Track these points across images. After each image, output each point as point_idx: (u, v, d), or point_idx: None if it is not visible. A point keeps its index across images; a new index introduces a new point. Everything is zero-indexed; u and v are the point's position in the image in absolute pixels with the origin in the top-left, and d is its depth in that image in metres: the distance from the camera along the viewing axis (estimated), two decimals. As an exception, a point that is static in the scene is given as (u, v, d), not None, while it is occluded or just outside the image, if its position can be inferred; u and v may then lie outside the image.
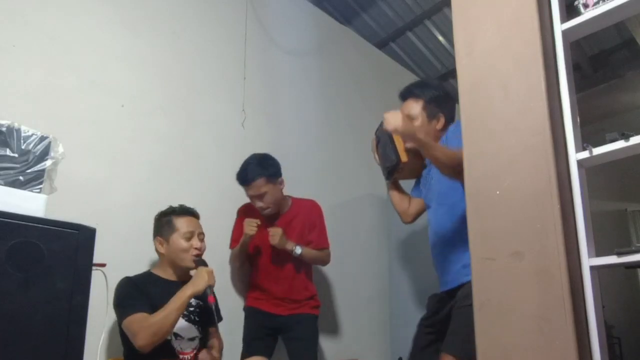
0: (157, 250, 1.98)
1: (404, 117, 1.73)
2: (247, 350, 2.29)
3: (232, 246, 2.45)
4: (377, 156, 2.09)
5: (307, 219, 2.47)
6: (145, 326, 1.71)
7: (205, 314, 1.96)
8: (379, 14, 3.82)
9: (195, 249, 1.94)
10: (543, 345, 1.20)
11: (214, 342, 2.02)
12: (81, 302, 1.19)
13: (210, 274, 1.84)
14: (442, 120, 1.95)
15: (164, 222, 1.97)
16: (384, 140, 2.01)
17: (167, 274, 1.95)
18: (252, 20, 2.90)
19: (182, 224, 1.95)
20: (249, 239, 2.29)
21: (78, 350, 1.18)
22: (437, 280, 1.99)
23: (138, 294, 1.80)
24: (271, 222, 2.39)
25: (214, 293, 1.85)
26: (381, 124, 2.00)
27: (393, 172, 2.03)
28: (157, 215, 2.00)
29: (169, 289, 1.84)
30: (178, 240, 1.93)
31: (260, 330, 2.37)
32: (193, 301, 1.94)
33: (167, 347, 1.83)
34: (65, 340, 1.15)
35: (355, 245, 3.14)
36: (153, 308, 1.75)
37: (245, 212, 2.45)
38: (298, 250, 2.31)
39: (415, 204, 2.12)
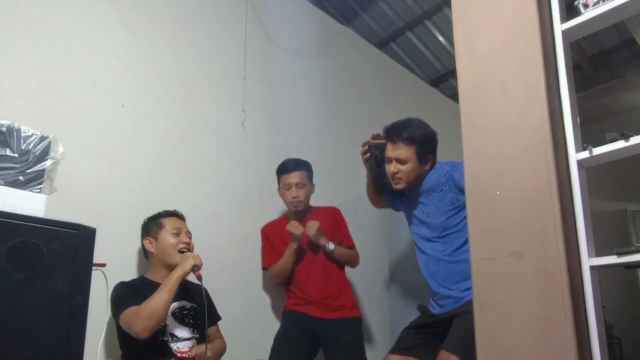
0: (146, 252, 2.00)
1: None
2: (286, 348, 2.28)
3: (266, 265, 2.50)
4: (367, 165, 2.23)
5: (330, 224, 2.52)
6: (139, 313, 1.73)
7: (200, 317, 1.96)
8: (379, 14, 3.82)
9: (183, 243, 1.96)
10: (543, 345, 1.20)
11: (216, 342, 2.02)
12: (81, 302, 1.19)
13: (195, 256, 1.89)
14: (431, 162, 2.06)
15: (152, 224, 2.01)
16: (381, 164, 2.14)
17: (160, 277, 1.92)
18: (252, 20, 2.90)
19: (169, 222, 2.00)
20: (300, 240, 2.35)
21: (78, 350, 1.18)
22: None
23: (132, 293, 1.82)
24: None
25: (199, 268, 1.88)
26: (377, 135, 2.15)
27: (386, 189, 2.25)
28: (144, 220, 2.05)
29: None
30: (166, 236, 1.96)
31: (298, 331, 2.35)
32: (187, 304, 1.96)
33: (164, 348, 1.83)
34: (65, 340, 1.15)
35: (355, 245, 3.13)
36: None
37: (271, 230, 2.52)
38: (331, 246, 2.40)
39: (383, 202, 2.36)
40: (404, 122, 2.07)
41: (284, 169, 2.46)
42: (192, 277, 2.00)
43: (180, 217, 2.07)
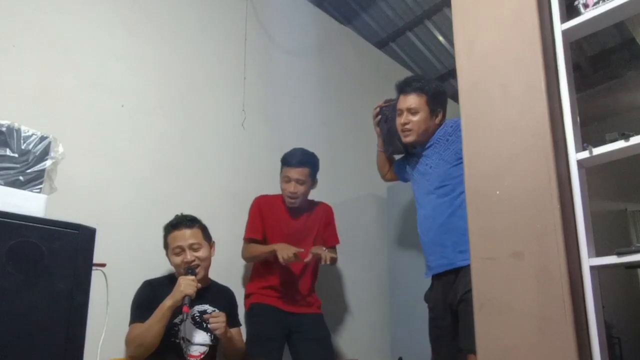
0: None
1: None
2: (262, 352, 2.18)
3: (250, 235, 2.36)
4: (378, 129, 2.27)
5: (323, 219, 2.54)
6: (131, 338, 1.80)
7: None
8: (379, 14, 3.82)
9: (185, 263, 1.93)
10: (543, 345, 1.20)
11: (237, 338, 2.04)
12: (81, 302, 1.19)
13: (187, 283, 1.82)
14: (440, 116, 2.04)
15: (164, 237, 2.02)
16: (391, 123, 2.16)
17: None
18: (252, 20, 2.90)
19: (171, 240, 1.98)
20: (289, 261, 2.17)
21: (78, 350, 1.18)
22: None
23: (148, 301, 1.84)
24: (292, 216, 2.43)
25: (190, 303, 1.82)
26: (389, 100, 2.21)
27: (394, 153, 2.29)
28: None
29: None
30: (171, 257, 1.98)
31: (275, 330, 2.28)
32: (209, 309, 1.98)
33: (176, 349, 1.86)
34: (65, 340, 1.15)
35: (355, 245, 3.13)
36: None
37: (265, 202, 2.42)
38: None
39: (393, 174, 2.36)
40: (415, 76, 2.11)
41: (288, 161, 2.37)
42: (218, 278, 2.06)
43: (186, 225, 1.99)
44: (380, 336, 3.09)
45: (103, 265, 1.47)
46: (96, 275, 1.30)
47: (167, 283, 1.94)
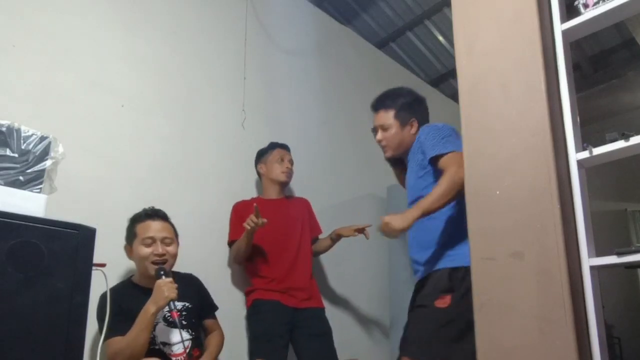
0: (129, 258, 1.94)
1: (385, 224, 1.72)
2: (267, 351, 2.18)
3: (234, 237, 2.39)
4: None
5: (306, 212, 2.63)
6: (114, 353, 1.69)
7: (193, 314, 1.92)
8: (379, 14, 3.82)
9: (156, 255, 1.83)
10: (543, 345, 1.20)
11: (210, 340, 1.98)
12: (81, 302, 1.19)
13: (168, 286, 1.72)
14: (415, 125, 2.00)
15: (128, 229, 1.91)
16: None
17: (145, 282, 1.87)
18: (252, 20, 2.90)
19: (142, 229, 1.87)
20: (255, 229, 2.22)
21: (78, 350, 1.18)
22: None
23: (117, 313, 1.70)
24: (277, 208, 2.45)
25: (176, 307, 1.76)
26: None
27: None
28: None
29: (148, 298, 1.75)
30: (138, 247, 1.85)
31: (280, 327, 2.27)
32: (179, 304, 1.86)
33: (158, 354, 1.79)
34: (65, 340, 1.15)
35: (355, 245, 3.13)
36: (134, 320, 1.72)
37: (242, 207, 2.45)
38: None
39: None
40: (385, 91, 2.09)
41: (279, 144, 2.58)
42: (180, 268, 1.98)
43: (160, 217, 1.92)
44: (380, 336, 3.09)
45: (103, 265, 1.47)
46: (96, 275, 1.30)
47: (128, 289, 1.86)
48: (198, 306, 1.97)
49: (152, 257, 1.83)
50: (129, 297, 1.80)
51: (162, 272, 1.78)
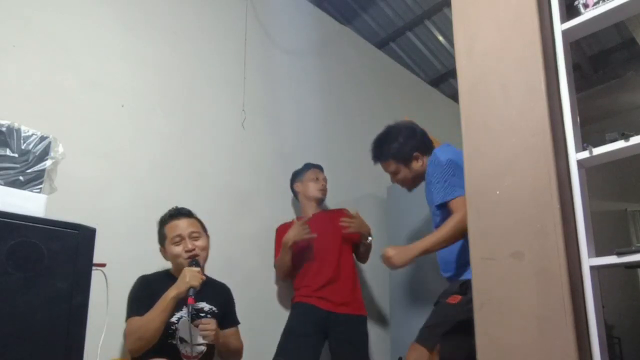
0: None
1: (386, 258, 1.94)
2: (292, 346, 2.28)
3: (276, 259, 2.56)
4: None
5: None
6: (134, 331, 1.73)
7: (218, 319, 1.94)
8: (379, 14, 3.82)
9: (187, 251, 1.89)
10: (543, 345, 1.20)
11: (230, 338, 2.00)
12: (81, 302, 1.19)
13: (193, 274, 1.78)
14: (419, 157, 2.08)
15: (159, 231, 1.99)
16: None
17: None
18: (252, 20, 2.90)
19: (169, 230, 1.94)
20: (299, 237, 2.40)
21: (78, 350, 1.18)
22: (437, 281, 2.02)
23: (146, 296, 1.80)
24: (316, 224, 2.51)
25: (195, 296, 1.79)
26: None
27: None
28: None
29: None
30: (169, 247, 1.93)
31: (310, 327, 2.36)
32: (206, 306, 1.94)
33: (172, 350, 1.82)
34: (65, 340, 1.15)
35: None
36: None
37: (282, 229, 2.56)
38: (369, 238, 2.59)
39: None
40: (374, 142, 2.15)
41: (313, 165, 2.71)
42: (215, 275, 2.06)
43: (184, 215, 1.98)
44: (380, 336, 3.09)
45: (103, 265, 1.47)
46: (96, 275, 1.30)
47: (163, 278, 1.91)
48: (221, 315, 1.99)
49: (184, 254, 1.90)
50: (160, 284, 1.85)
51: (193, 262, 1.85)
